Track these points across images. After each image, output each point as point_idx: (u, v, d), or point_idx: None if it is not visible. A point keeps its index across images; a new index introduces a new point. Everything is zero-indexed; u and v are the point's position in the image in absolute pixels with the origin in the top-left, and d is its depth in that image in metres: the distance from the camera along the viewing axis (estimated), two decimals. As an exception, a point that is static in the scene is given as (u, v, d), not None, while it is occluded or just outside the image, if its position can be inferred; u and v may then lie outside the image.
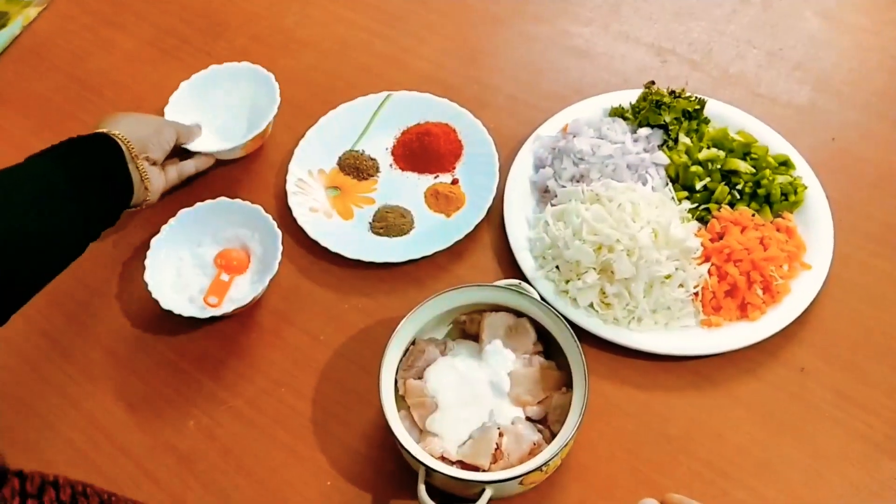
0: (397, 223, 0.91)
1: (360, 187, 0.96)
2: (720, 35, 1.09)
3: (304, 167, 0.96)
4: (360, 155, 0.98)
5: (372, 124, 1.00)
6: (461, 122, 0.97)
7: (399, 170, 0.97)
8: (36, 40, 1.17)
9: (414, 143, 0.97)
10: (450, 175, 0.96)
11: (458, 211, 0.92)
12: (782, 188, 0.87)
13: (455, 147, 0.96)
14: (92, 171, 0.76)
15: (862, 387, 0.78)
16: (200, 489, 0.76)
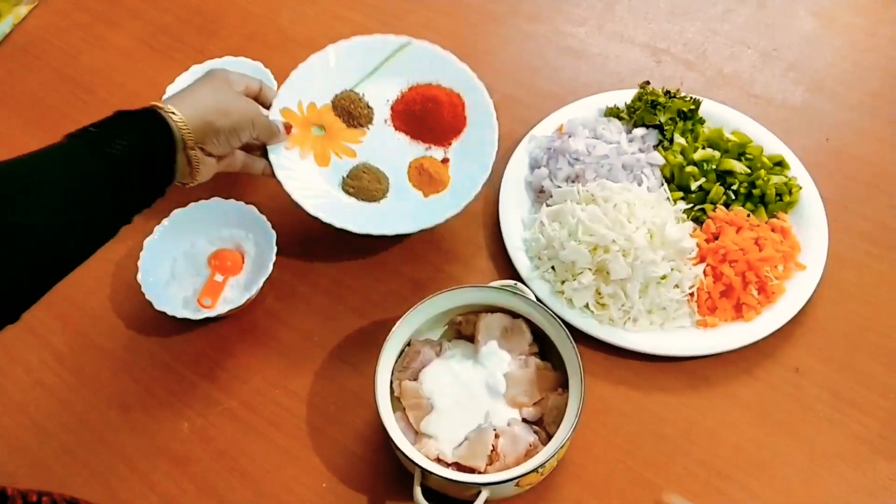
0: (370, 187, 0.85)
1: (347, 135, 0.88)
2: (714, 35, 1.09)
3: (295, 95, 0.87)
4: (358, 99, 0.89)
5: (381, 69, 0.90)
6: (473, 97, 0.88)
7: (392, 128, 0.89)
8: (27, 38, 1.16)
9: (416, 104, 0.88)
10: (442, 151, 0.87)
11: (436, 194, 0.85)
12: (777, 188, 0.87)
13: (458, 122, 0.88)
14: (135, 161, 0.66)
15: (857, 387, 0.78)
16: (195, 491, 0.76)
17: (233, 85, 0.76)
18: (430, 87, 0.89)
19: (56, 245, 0.61)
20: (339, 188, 0.85)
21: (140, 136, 0.67)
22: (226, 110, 0.73)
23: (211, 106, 0.72)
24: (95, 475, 0.77)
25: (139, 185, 0.68)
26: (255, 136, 0.79)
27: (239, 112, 0.75)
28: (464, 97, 0.88)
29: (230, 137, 0.75)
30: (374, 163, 0.86)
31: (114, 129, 0.67)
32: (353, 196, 0.85)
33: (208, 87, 0.75)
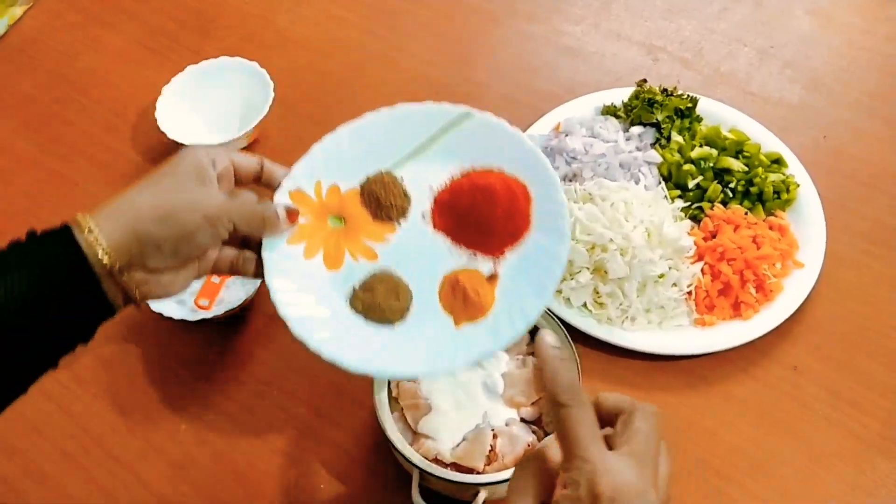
0: (384, 304, 0.63)
1: (371, 230, 0.66)
2: (711, 33, 1.09)
3: (313, 174, 0.66)
4: (394, 183, 0.67)
5: (431, 146, 0.68)
6: (543, 191, 0.63)
7: (430, 225, 0.66)
8: (22, 39, 1.16)
9: (465, 195, 0.65)
10: (491, 263, 0.63)
11: (471, 322, 0.61)
12: (775, 186, 0.87)
13: (517, 223, 0.64)
14: (27, 307, 0.51)
15: (855, 385, 0.78)
16: (193, 493, 0.75)
17: (202, 170, 0.57)
18: (488, 174, 0.66)
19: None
20: (346, 301, 0.64)
21: (35, 273, 0.51)
22: (166, 215, 0.54)
23: (146, 212, 0.54)
24: (92, 478, 0.76)
25: (39, 335, 0.52)
26: (236, 231, 0.59)
27: (188, 213, 0.55)
28: (531, 190, 0.64)
29: (179, 247, 0.55)
30: (398, 270, 0.65)
31: (5, 262, 0.51)
32: (360, 314, 0.63)
33: (154, 183, 0.57)
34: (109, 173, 1.00)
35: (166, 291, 0.58)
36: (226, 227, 0.57)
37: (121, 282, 0.54)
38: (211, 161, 0.58)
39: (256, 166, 0.63)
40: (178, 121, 0.97)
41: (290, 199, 0.65)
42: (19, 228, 0.96)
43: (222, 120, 1.01)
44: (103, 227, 0.53)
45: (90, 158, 1.02)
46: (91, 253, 0.52)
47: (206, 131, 1.00)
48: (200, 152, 0.58)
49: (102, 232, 0.53)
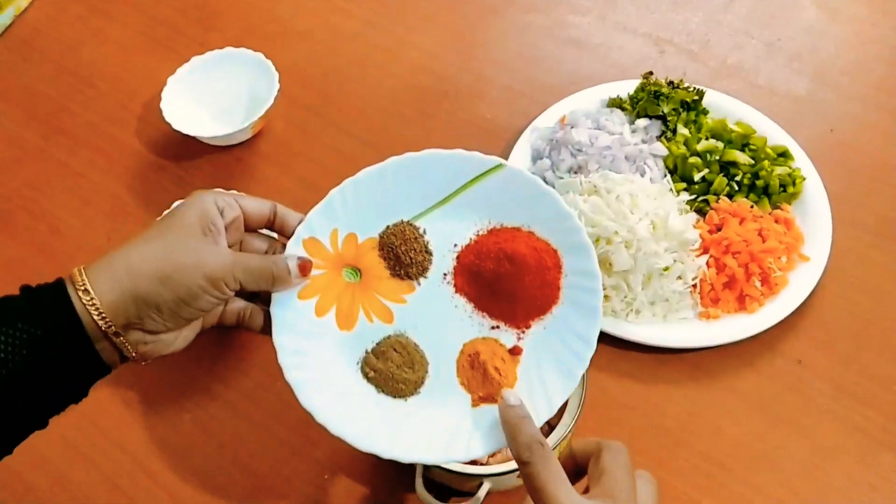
0: (397, 375, 0.59)
1: (388, 287, 0.61)
2: (718, 25, 1.09)
3: (330, 221, 0.61)
4: (415, 237, 0.62)
5: (456, 197, 0.63)
6: (576, 260, 0.59)
7: (452, 287, 0.61)
8: (27, 30, 1.16)
9: (489, 259, 0.60)
10: (515, 335, 0.59)
11: (489, 404, 0.57)
12: (781, 179, 0.86)
13: (545, 295, 0.60)
14: (36, 355, 0.49)
15: (860, 379, 0.78)
16: (197, 483, 0.75)
17: (208, 221, 0.55)
18: (516, 235, 0.61)
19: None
20: (358, 366, 0.60)
21: (27, 335, 0.48)
22: (166, 276, 0.51)
23: (145, 272, 0.51)
24: (97, 467, 0.77)
25: (28, 398, 0.50)
26: (242, 288, 0.55)
27: (189, 274, 0.52)
28: (562, 257, 0.60)
29: (179, 309, 0.52)
30: (415, 336, 0.61)
31: (16, 312, 0.49)
32: (371, 384, 0.59)
33: (156, 238, 0.53)
34: (114, 164, 1.00)
35: (167, 350, 0.55)
36: (231, 287, 0.54)
37: (117, 343, 0.51)
38: (219, 210, 0.55)
39: (268, 212, 0.60)
40: (183, 112, 0.97)
41: (304, 248, 0.60)
42: (25, 220, 0.97)
43: (227, 111, 1.01)
44: (98, 285, 0.50)
45: (95, 149, 1.02)
46: (85, 315, 0.49)
47: (211, 122, 1.00)
48: (208, 200, 0.55)
49: (97, 291, 0.50)
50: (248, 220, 0.59)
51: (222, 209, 0.56)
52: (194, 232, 0.53)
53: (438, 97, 1.03)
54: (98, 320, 0.50)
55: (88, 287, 0.50)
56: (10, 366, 0.48)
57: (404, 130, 1.00)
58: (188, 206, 0.55)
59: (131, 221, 0.94)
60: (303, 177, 0.97)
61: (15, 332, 0.48)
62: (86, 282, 0.50)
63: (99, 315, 0.50)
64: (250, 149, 0.99)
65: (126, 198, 0.97)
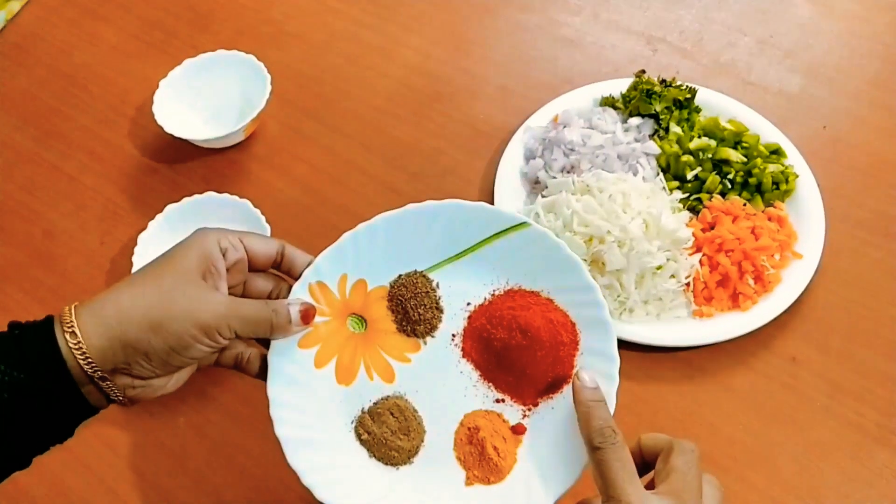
0: (391, 444, 0.56)
1: (393, 343, 0.59)
2: (710, 23, 1.09)
3: (339, 266, 0.59)
4: (427, 291, 0.60)
5: (474, 252, 0.60)
6: (594, 337, 0.57)
7: (459, 351, 0.59)
8: (19, 34, 1.16)
9: (501, 329, 0.57)
10: (520, 411, 0.57)
11: (483, 484, 0.54)
12: (774, 177, 0.86)
13: (559, 374, 0.56)
14: (21, 395, 0.47)
15: (854, 376, 0.78)
16: (191, 485, 0.75)
17: (208, 264, 0.53)
18: (533, 303, 0.58)
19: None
20: (352, 427, 0.57)
21: (11, 375, 0.47)
22: (157, 324, 0.49)
23: (137, 318, 0.49)
24: (90, 470, 0.77)
25: (11, 437, 0.48)
26: (238, 336, 0.53)
27: (181, 323, 0.50)
28: (580, 331, 0.57)
29: (169, 358, 0.51)
30: (414, 400, 0.58)
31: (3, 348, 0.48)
32: (363, 447, 0.57)
33: (151, 281, 0.51)
34: (107, 167, 1.00)
35: (157, 393, 0.53)
36: (226, 336, 0.52)
37: (103, 387, 0.50)
38: (222, 251, 0.53)
39: (275, 253, 0.57)
40: (176, 115, 0.97)
41: (310, 292, 0.58)
42: (18, 224, 0.96)
43: (219, 113, 1.00)
44: (87, 328, 0.48)
45: (88, 153, 1.02)
46: (70, 358, 0.48)
47: (204, 125, 1.00)
48: (211, 241, 0.53)
49: (85, 334, 0.48)
50: (254, 261, 0.56)
51: (225, 250, 0.54)
52: (192, 276, 0.51)
53: (432, 97, 1.03)
54: (84, 364, 0.48)
55: (76, 329, 0.48)
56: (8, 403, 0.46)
57: (398, 130, 1.00)
58: (190, 245, 0.53)
59: (124, 224, 0.94)
60: (296, 178, 0.97)
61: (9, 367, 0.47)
62: (74, 323, 0.48)
63: (84, 359, 0.48)
64: (243, 151, 0.99)
65: (119, 201, 0.97)
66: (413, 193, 0.94)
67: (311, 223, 0.92)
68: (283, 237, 0.88)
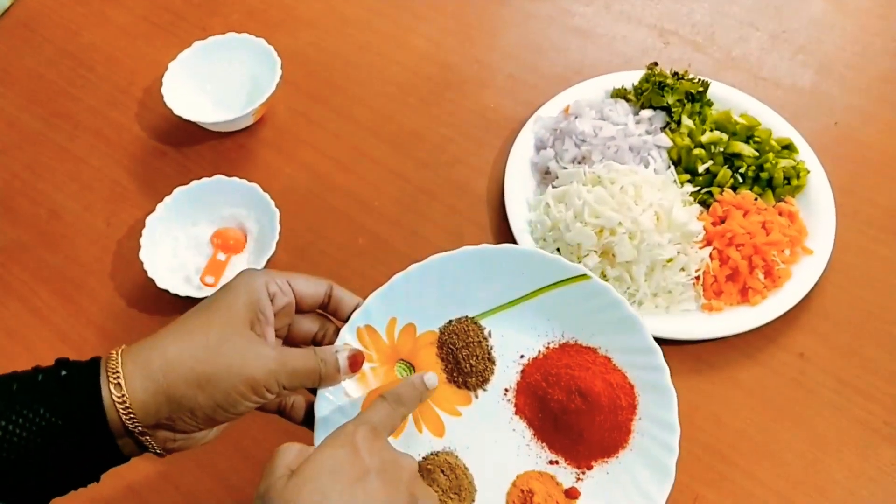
0: (441, 502, 0.53)
1: (443, 395, 0.56)
2: (723, 17, 1.08)
3: (389, 308, 0.57)
4: (479, 340, 0.57)
5: (528, 301, 0.58)
6: (655, 404, 0.55)
7: (512, 407, 0.56)
8: (27, 13, 1.15)
9: (560, 390, 0.55)
10: (574, 474, 0.55)
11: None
12: (785, 172, 0.86)
13: (613, 437, 0.55)
14: (54, 439, 0.45)
15: (862, 372, 0.78)
16: (197, 471, 0.75)
17: (257, 311, 0.51)
18: (591, 363, 0.56)
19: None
20: None
21: (45, 421, 0.45)
22: (205, 380, 0.47)
23: (184, 373, 0.47)
24: (97, 453, 0.76)
25: (37, 478, 0.46)
26: (286, 388, 0.52)
27: (230, 380, 0.48)
28: (639, 396, 0.55)
29: (215, 414, 0.49)
30: (465, 457, 0.55)
31: (13, 400, 0.46)
32: None
33: (199, 330, 0.49)
34: (115, 149, 0.99)
35: (197, 444, 0.52)
36: (273, 392, 0.50)
37: (142, 441, 0.48)
38: (270, 295, 0.51)
39: (323, 295, 0.55)
40: (185, 97, 0.96)
41: (358, 337, 0.55)
42: (25, 204, 0.96)
43: (229, 97, 1.00)
44: (132, 381, 0.46)
45: (96, 134, 1.01)
46: (111, 411, 0.46)
47: (213, 108, 0.99)
48: (259, 286, 0.51)
49: (130, 388, 0.46)
50: (301, 303, 0.55)
51: (273, 295, 0.52)
52: (241, 325, 0.50)
53: (442, 86, 1.03)
54: (125, 419, 0.47)
55: (122, 381, 0.46)
56: (19, 450, 0.45)
57: (407, 118, 1.00)
58: (238, 291, 0.51)
59: (131, 206, 0.93)
60: (305, 164, 0.96)
61: (34, 417, 0.45)
62: (120, 374, 0.47)
63: (127, 414, 0.46)
64: (252, 135, 0.99)
65: (126, 183, 0.96)
66: (421, 182, 0.94)
67: (318, 208, 0.92)
68: (291, 221, 0.88)
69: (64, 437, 0.45)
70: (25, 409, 0.45)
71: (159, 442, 0.49)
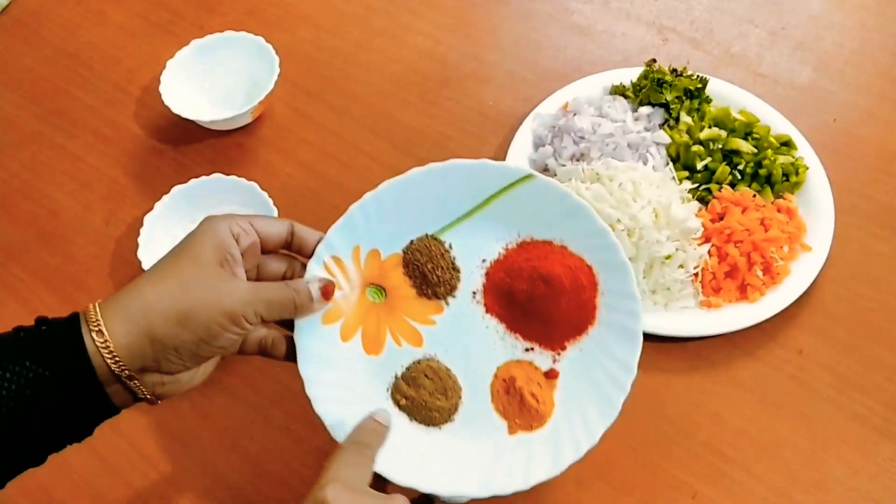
0: (430, 403, 0.57)
1: (415, 308, 0.59)
2: (721, 14, 1.08)
3: (351, 238, 0.59)
4: (441, 253, 0.59)
5: (482, 209, 0.60)
6: (612, 279, 0.57)
7: (482, 307, 0.59)
8: (25, 12, 1.15)
9: (522, 281, 0.57)
10: (550, 356, 0.58)
11: (527, 432, 0.56)
12: (784, 169, 0.86)
13: (581, 317, 0.58)
14: (42, 394, 0.46)
15: (860, 369, 0.78)
16: (195, 469, 0.75)
17: (224, 252, 0.52)
18: (549, 252, 0.58)
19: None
20: (388, 394, 0.58)
21: (34, 373, 0.46)
22: (184, 317, 0.49)
23: (161, 313, 0.48)
24: (94, 452, 0.76)
25: (29, 435, 0.47)
26: (264, 318, 0.53)
27: (208, 313, 0.49)
28: (598, 275, 0.58)
29: (199, 349, 0.50)
30: (446, 359, 0.58)
31: (24, 347, 0.47)
32: (403, 412, 0.58)
33: (171, 274, 0.50)
34: (113, 148, 0.99)
35: (185, 388, 0.53)
36: (252, 322, 0.51)
37: (130, 386, 0.49)
38: (234, 236, 0.53)
39: (286, 233, 0.57)
40: (183, 96, 0.96)
41: (325, 268, 0.58)
42: (23, 203, 0.96)
43: (227, 95, 1.00)
44: (114, 326, 0.47)
45: (94, 133, 1.01)
46: (97, 358, 0.47)
47: (211, 106, 0.99)
48: (222, 229, 0.52)
49: (112, 333, 0.47)
50: (265, 243, 0.56)
51: (238, 236, 0.53)
52: (211, 265, 0.51)
53: (441, 82, 1.02)
54: (111, 364, 0.47)
55: (103, 328, 0.47)
56: (10, 404, 0.45)
57: (406, 116, 1.00)
58: (203, 235, 0.52)
59: (129, 205, 0.93)
60: (303, 162, 0.96)
61: (21, 371, 0.46)
62: (100, 322, 0.47)
63: (112, 358, 0.47)
64: (250, 133, 0.99)
65: (124, 182, 0.96)
66: (420, 179, 0.93)
67: (317, 207, 0.92)
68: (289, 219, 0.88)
69: (53, 387, 0.46)
70: (11, 364, 0.46)
71: (148, 387, 0.50)
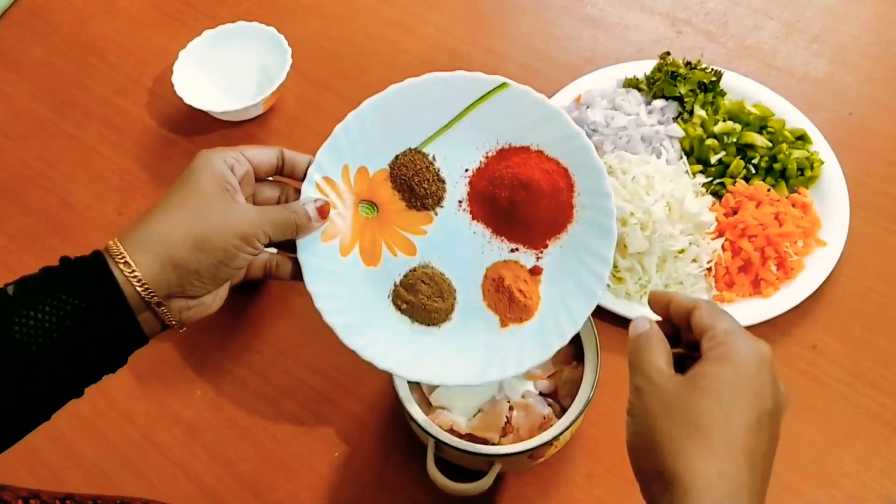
0: (428, 305, 0.61)
1: (406, 219, 0.63)
2: (736, 5, 1.07)
3: (339, 157, 0.62)
4: (426, 165, 0.62)
5: (460, 120, 0.62)
6: (588, 180, 0.60)
7: (469, 214, 0.62)
8: (38, 3, 1.15)
9: (503, 187, 0.61)
10: (534, 256, 0.62)
11: (517, 324, 0.61)
12: (798, 163, 0.85)
13: (560, 217, 0.61)
14: (55, 345, 0.48)
15: (874, 365, 0.77)
16: (207, 459, 0.76)
17: (224, 181, 0.54)
18: (526, 158, 0.61)
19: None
20: (389, 300, 0.62)
21: (68, 306, 0.48)
22: (201, 241, 0.52)
23: (179, 241, 0.51)
24: (107, 441, 0.77)
25: (67, 367, 0.50)
26: (270, 240, 0.56)
27: (222, 236, 0.53)
28: (574, 176, 0.61)
29: (218, 271, 0.53)
30: (439, 265, 0.62)
31: (36, 292, 0.49)
32: (405, 315, 0.62)
33: (180, 206, 0.53)
34: (125, 138, 0.99)
35: (206, 312, 0.56)
36: (262, 242, 0.55)
37: (159, 313, 0.52)
38: (229, 167, 0.55)
39: (276, 159, 0.59)
40: (195, 86, 0.96)
41: (318, 189, 0.61)
42: (36, 193, 0.96)
43: (239, 86, 1.00)
44: (137, 257, 0.50)
45: (106, 123, 1.01)
46: (127, 287, 0.50)
47: (223, 97, 0.99)
48: (217, 161, 0.55)
49: (138, 263, 0.50)
50: (257, 171, 0.58)
51: (232, 166, 0.56)
52: (214, 194, 0.54)
53: (452, 75, 1.02)
54: (141, 292, 0.50)
55: (129, 259, 0.50)
56: (54, 335, 0.48)
57: (417, 108, 0.99)
58: (199, 170, 0.54)
59: (141, 196, 0.93)
60: (315, 153, 0.96)
61: (58, 304, 0.48)
62: (125, 254, 0.50)
63: (142, 286, 0.50)
64: (262, 124, 0.99)
65: (136, 172, 0.96)
66: (432, 171, 0.93)
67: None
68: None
69: (89, 317, 0.49)
70: (49, 298, 0.48)
71: (174, 313, 0.53)
